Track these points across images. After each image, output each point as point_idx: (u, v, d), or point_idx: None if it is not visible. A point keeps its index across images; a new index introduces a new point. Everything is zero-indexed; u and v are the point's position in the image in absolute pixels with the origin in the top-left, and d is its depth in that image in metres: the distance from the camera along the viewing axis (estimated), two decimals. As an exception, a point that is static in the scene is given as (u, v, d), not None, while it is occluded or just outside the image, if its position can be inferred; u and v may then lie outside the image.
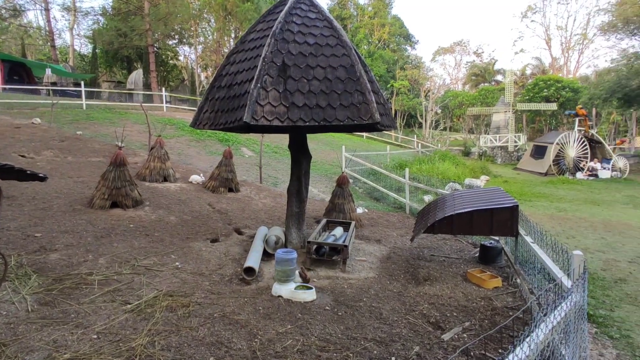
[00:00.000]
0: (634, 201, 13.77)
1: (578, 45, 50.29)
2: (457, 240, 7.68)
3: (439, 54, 70.53)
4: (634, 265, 6.72)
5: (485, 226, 4.95)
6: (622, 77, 22.88)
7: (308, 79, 5.37)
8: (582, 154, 22.16)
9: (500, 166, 26.47)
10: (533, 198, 14.04)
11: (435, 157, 19.51)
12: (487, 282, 5.19)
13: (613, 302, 5.14)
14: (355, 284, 5.27)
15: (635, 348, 4.02)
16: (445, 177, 15.61)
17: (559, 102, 32.07)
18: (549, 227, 9.46)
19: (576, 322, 2.86)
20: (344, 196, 8.61)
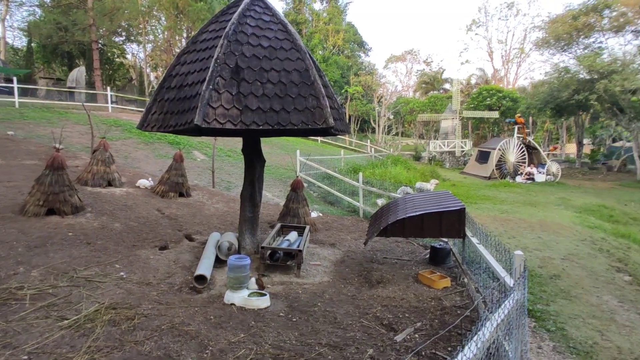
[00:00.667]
0: (565, 202, 14.96)
1: (516, 59, 54.06)
2: (408, 243, 7.91)
3: (391, 61, 72.75)
4: (567, 262, 7.27)
5: (435, 228, 5.14)
6: (554, 89, 24.89)
7: (262, 82, 5.30)
8: (521, 159, 23.79)
9: (448, 170, 27.72)
10: (478, 200, 14.81)
11: (388, 161, 20.03)
12: (437, 282, 5.37)
13: (549, 297, 5.52)
14: (310, 289, 5.25)
15: (569, 339, 4.34)
16: (398, 181, 16.05)
17: (501, 111, 34.24)
18: (492, 228, 10.01)
19: (518, 319, 3.02)
20: (299, 200, 8.58)
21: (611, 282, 6.46)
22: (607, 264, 7.59)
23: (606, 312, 5.19)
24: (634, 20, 22.31)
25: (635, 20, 22.26)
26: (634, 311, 5.36)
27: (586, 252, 8.20)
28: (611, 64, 21.61)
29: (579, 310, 5.16)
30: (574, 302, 5.44)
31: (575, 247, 8.51)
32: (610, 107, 23.86)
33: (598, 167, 29.00)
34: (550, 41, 26.12)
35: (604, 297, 5.72)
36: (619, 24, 22.97)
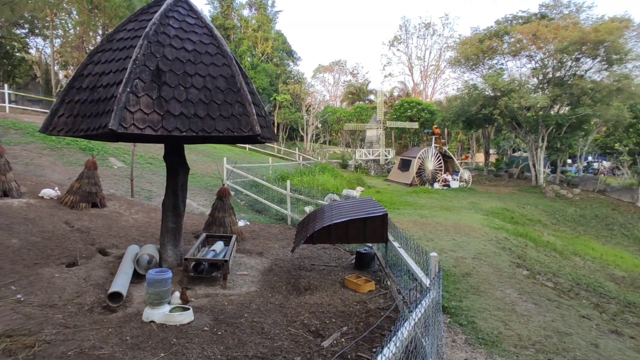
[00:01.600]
0: (475, 206, 16.47)
1: (433, 74, 58.66)
2: (335, 249, 8.10)
3: (319, 71, 74.51)
4: (476, 261, 7.99)
5: (359, 234, 5.33)
6: (465, 103, 27.39)
7: (186, 87, 5.11)
8: (438, 167, 25.72)
9: (373, 178, 28.97)
10: (400, 206, 15.68)
11: (316, 169, 20.37)
12: (362, 286, 5.56)
13: (462, 294, 6.01)
14: (237, 300, 5.12)
15: (479, 331, 4.75)
16: (325, 189, 16.38)
17: (420, 122, 36.77)
18: (413, 231, 10.65)
19: (434, 316, 3.25)
20: (225, 209, 8.36)
21: (512, 277, 7.22)
22: (509, 260, 8.48)
23: (508, 304, 5.79)
24: (528, 46, 25.44)
25: (529, 46, 25.40)
26: (531, 301, 6.05)
27: (492, 251, 9.09)
28: (510, 84, 24.38)
29: (486, 304, 5.69)
30: (483, 296, 5.99)
31: (484, 246, 9.38)
32: (510, 121, 26.86)
33: (501, 174, 32.41)
34: (461, 60, 28.71)
35: (506, 291, 6.38)
36: (516, 49, 26.03)
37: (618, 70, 23.19)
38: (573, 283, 8.23)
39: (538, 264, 9.12)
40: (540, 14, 26.77)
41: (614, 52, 22.09)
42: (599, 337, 5.10)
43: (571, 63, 24.29)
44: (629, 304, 7.61)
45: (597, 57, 23.19)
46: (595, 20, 24.31)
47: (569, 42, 22.02)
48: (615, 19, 23.41)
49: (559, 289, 7.44)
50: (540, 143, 25.59)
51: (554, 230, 15.89)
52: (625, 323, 6.24)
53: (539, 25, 24.21)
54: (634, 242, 17.16)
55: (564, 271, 9.22)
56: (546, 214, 18.46)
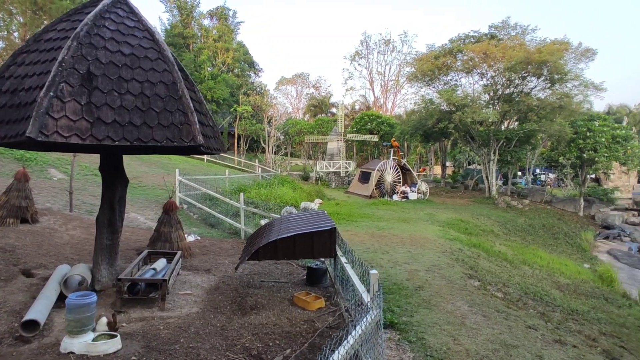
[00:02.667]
0: (432, 218, 16.77)
1: (393, 89, 60.31)
2: (288, 264, 7.82)
3: (282, 83, 74.63)
4: (430, 274, 7.99)
5: (307, 249, 5.12)
6: (422, 117, 28.21)
7: (120, 93, 4.75)
8: (397, 179, 26.16)
9: (334, 190, 29.00)
10: (359, 218, 15.66)
11: (275, 181, 20.07)
12: (311, 304, 5.33)
13: (413, 308, 5.92)
14: (174, 323, 4.72)
15: (428, 348, 4.64)
16: (283, 201, 16.12)
17: (380, 135, 37.49)
18: (369, 244, 10.59)
19: (375, 335, 3.08)
20: (172, 224, 7.89)
21: (464, 289, 7.25)
22: (461, 272, 8.56)
23: (458, 317, 5.76)
24: (480, 64, 26.70)
25: (481, 64, 26.67)
26: (480, 314, 6.05)
27: (446, 262, 9.16)
28: (463, 99, 25.39)
29: (437, 318, 5.62)
30: (434, 310, 5.93)
31: (438, 258, 9.45)
32: (465, 135, 27.92)
33: (458, 186, 33.53)
34: (418, 76, 29.63)
35: (457, 303, 6.36)
36: (469, 66, 27.24)
37: (559, 89, 24.78)
38: (522, 292, 8.41)
39: (489, 275, 9.28)
40: (490, 34, 28.26)
41: (555, 72, 23.61)
42: (544, 347, 5.15)
43: (518, 81, 25.68)
44: (572, 312, 7.86)
45: (541, 76, 24.68)
46: (538, 42, 25.96)
47: (515, 62, 23.29)
48: (556, 42, 25.09)
49: (508, 299, 7.55)
50: (492, 156, 26.72)
51: (505, 240, 16.44)
52: (569, 331, 6.39)
53: (489, 44, 25.51)
54: (577, 250, 18.11)
55: (514, 281, 9.45)
56: (498, 224, 19.13)
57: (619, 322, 7.92)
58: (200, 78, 42.52)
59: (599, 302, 9.56)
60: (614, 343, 6.52)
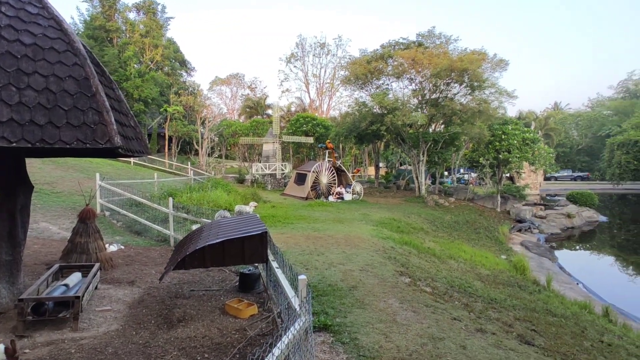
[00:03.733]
0: (366, 218, 17.25)
1: (328, 92, 61.30)
2: (220, 271, 7.52)
3: (216, 84, 72.44)
4: (363, 273, 8.15)
5: (237, 255, 4.93)
6: (356, 120, 29.00)
7: (19, 88, 4.23)
8: (332, 180, 26.58)
9: (270, 192, 28.69)
10: (295, 220, 15.60)
11: (209, 184, 19.33)
12: (243, 311, 5.14)
13: (347, 309, 5.97)
14: (89, 345, 4.27)
15: (360, 348, 4.69)
16: (217, 205, 15.56)
17: (315, 137, 37.82)
18: (305, 246, 10.56)
19: (305, 341, 3.01)
20: (89, 233, 7.20)
21: (395, 286, 7.50)
22: (393, 270, 8.85)
23: (390, 314, 5.92)
24: (409, 70, 28.10)
25: (410, 70, 28.08)
26: (411, 310, 6.28)
27: (379, 261, 9.42)
28: (394, 103, 26.54)
29: (370, 317, 5.72)
30: (367, 309, 6.03)
31: (371, 257, 9.69)
32: (396, 137, 29.19)
33: (390, 186, 34.94)
34: (352, 79, 30.42)
35: (389, 301, 6.55)
36: (399, 71, 28.55)
37: (479, 95, 26.90)
38: (448, 286, 8.91)
39: (419, 271, 9.72)
40: (418, 42, 29.84)
41: (475, 79, 25.58)
42: (467, 337, 5.47)
43: (443, 87, 27.42)
44: (491, 301, 8.48)
45: (463, 83, 26.59)
46: (460, 52, 27.97)
47: (440, 69, 24.84)
48: (475, 52, 27.22)
49: (436, 293, 7.95)
50: (422, 157, 28.23)
51: (434, 236, 17.40)
52: (488, 320, 6.87)
53: (417, 52, 26.93)
54: (495, 242, 19.73)
55: (441, 275, 9.99)
56: (428, 221, 20.21)
57: (530, 307, 8.71)
58: (126, 75, 39.74)
59: (514, 290, 10.46)
60: (527, 327, 7.14)
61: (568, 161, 67.78)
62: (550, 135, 61.68)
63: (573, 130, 73.34)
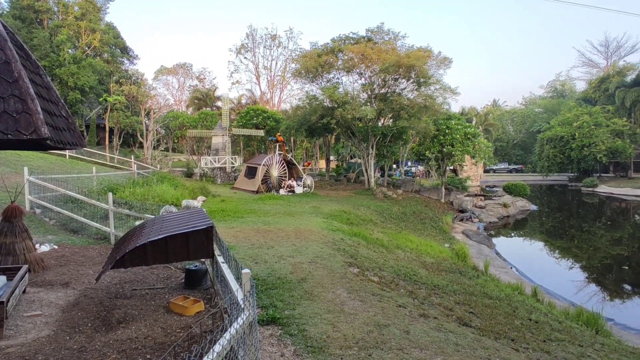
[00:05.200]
0: (317, 210, 17.41)
1: (279, 84, 60.76)
2: (165, 268, 7.26)
3: (162, 73, 69.06)
4: (313, 265, 8.24)
5: (181, 251, 4.77)
6: (307, 113, 29.04)
7: None
8: (283, 173, 26.49)
9: (220, 186, 28.02)
10: (245, 214, 15.39)
11: (154, 179, 18.49)
12: (189, 309, 5.01)
13: (295, 301, 6.01)
14: (16, 353, 3.95)
15: (308, 339, 4.75)
16: (163, 200, 14.97)
17: (266, 130, 37.39)
18: (255, 240, 10.47)
19: (250, 335, 2.99)
20: (15, 233, 6.63)
21: (344, 277, 7.66)
22: (342, 261, 9.03)
23: (338, 304, 6.05)
24: (358, 64, 28.56)
25: (359, 64, 28.54)
26: (358, 299, 6.46)
27: (328, 252, 9.56)
28: (344, 97, 26.89)
29: (318, 308, 5.81)
30: (315, 301, 6.12)
31: (321, 249, 9.81)
32: (346, 131, 29.62)
33: (341, 179, 35.49)
34: (303, 72, 30.32)
35: (337, 291, 6.68)
36: (349, 66, 28.90)
37: (425, 91, 27.97)
38: (394, 275, 9.25)
39: (368, 261, 10.00)
40: (367, 38, 30.34)
41: (421, 76, 26.54)
42: (411, 323, 5.73)
43: (392, 82, 28.17)
44: (434, 287, 8.94)
45: (410, 79, 27.48)
46: (407, 48, 28.84)
47: (389, 64, 25.48)
48: (421, 49, 28.19)
49: (383, 282, 8.23)
50: (371, 150, 28.90)
51: (382, 227, 17.96)
52: (431, 305, 7.24)
53: (366, 47, 27.38)
54: (440, 232, 20.77)
55: (388, 264, 10.35)
56: (376, 213, 20.80)
57: (469, 292, 9.29)
58: (59, 61, 36.70)
59: (455, 276, 11.09)
60: (465, 310, 7.61)
61: (505, 155, 72.79)
62: (490, 130, 65.70)
63: (509, 126, 78.75)
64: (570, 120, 50.16)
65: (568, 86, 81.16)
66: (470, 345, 5.31)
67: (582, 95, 60.95)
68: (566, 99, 69.76)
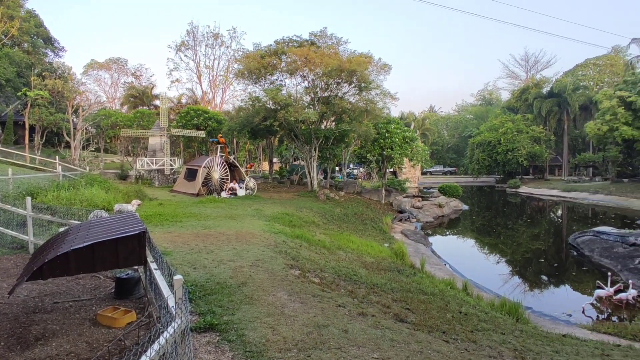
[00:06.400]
0: (259, 213, 17.23)
1: (222, 84, 59.24)
2: (94, 277, 6.78)
3: (92, 67, 64.30)
4: (254, 268, 8.15)
5: (110, 259, 4.49)
6: (249, 115, 28.66)
7: None
8: (225, 176, 25.87)
9: (158, 189, 26.70)
10: (184, 218, 14.81)
11: (82, 181, 17.16)
12: (119, 320, 4.73)
13: (235, 306, 5.91)
14: None
15: (247, 344, 4.69)
16: (93, 205, 13.96)
17: (207, 131, 36.27)
18: (194, 244, 10.12)
19: (181, 342, 2.90)
20: None
21: (285, 279, 7.67)
22: (284, 263, 9.03)
23: (278, 307, 6.04)
24: (302, 67, 28.73)
25: (303, 67, 28.71)
26: (298, 301, 6.50)
27: (270, 255, 9.51)
28: (287, 99, 26.92)
29: (258, 312, 5.76)
30: (255, 305, 6.06)
31: (262, 252, 9.73)
32: (289, 133, 29.66)
33: (284, 181, 35.43)
34: (245, 73, 29.87)
35: (278, 294, 6.67)
36: (292, 68, 28.96)
37: (366, 96, 28.84)
38: (335, 275, 9.43)
39: (309, 263, 10.09)
40: (311, 41, 30.63)
41: (362, 81, 27.34)
42: (349, 322, 5.88)
43: (334, 86, 28.69)
44: (374, 286, 9.25)
45: (352, 83, 28.18)
46: (349, 53, 29.55)
47: (331, 68, 25.93)
48: (362, 55, 29.03)
49: (324, 283, 8.36)
50: (314, 153, 29.19)
51: (324, 229, 18.20)
52: (370, 303, 7.49)
53: (310, 50, 27.64)
54: (380, 232, 21.50)
55: (329, 265, 10.52)
56: (319, 215, 21.04)
57: (406, 289, 9.73)
58: (-33, 50, 32.80)
59: (394, 275, 11.55)
60: (402, 307, 7.97)
61: (440, 158, 77.28)
62: (426, 134, 69.42)
63: (444, 131, 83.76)
64: (496, 127, 54.51)
65: (495, 95, 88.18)
66: (405, 340, 5.57)
67: (506, 104, 66.41)
68: (493, 107, 75.81)
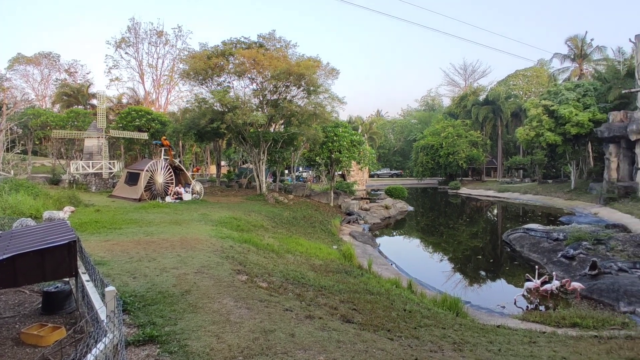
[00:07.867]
0: (206, 218, 16.74)
1: (166, 85, 56.87)
2: (18, 292, 6.21)
3: (19, 62, 59.06)
4: (199, 275, 7.90)
5: (36, 271, 4.13)
6: (196, 116, 27.81)
7: None
8: (169, 180, 24.85)
9: (95, 194, 25.04)
10: (124, 225, 14.01)
11: (5, 187, 15.66)
12: (45, 338, 4.37)
13: (178, 315, 5.70)
14: None
15: (190, 354, 4.54)
16: (18, 212, 12.80)
17: (150, 133, 34.65)
18: (134, 252, 9.61)
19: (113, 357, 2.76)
20: None
21: (231, 285, 7.52)
22: (230, 269, 8.85)
23: (224, 314, 5.91)
24: (250, 69, 28.37)
25: (251, 69, 28.36)
26: (245, 307, 6.40)
27: (216, 261, 9.27)
28: (235, 101, 26.49)
29: (202, 320, 5.59)
30: (200, 313, 5.88)
31: (208, 258, 9.46)
32: (237, 136, 29.15)
33: (232, 185, 34.74)
34: (191, 74, 28.95)
35: (224, 301, 6.52)
36: (240, 70, 28.50)
37: (314, 99, 29.11)
38: (283, 279, 9.40)
39: (257, 267, 9.97)
40: (259, 43, 30.37)
41: (311, 84, 27.56)
42: (296, 325, 5.89)
43: (283, 89, 28.67)
44: (322, 288, 9.34)
45: (300, 87, 28.31)
46: (298, 57, 29.67)
47: (280, 71, 25.89)
48: (311, 59, 29.28)
49: (272, 287, 8.30)
50: (262, 156, 28.93)
51: (273, 233, 18.07)
52: (317, 306, 7.55)
53: (258, 52, 27.40)
54: (329, 234, 21.75)
55: (278, 269, 10.46)
56: (268, 218, 20.86)
57: (353, 290, 9.92)
58: None
59: (342, 276, 11.73)
60: (349, 307, 8.12)
61: (387, 161, 79.89)
62: (374, 138, 71.37)
63: (390, 135, 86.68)
64: (438, 131, 57.44)
65: (437, 101, 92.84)
66: (351, 340, 5.68)
67: (447, 110, 70.12)
68: (436, 112, 79.76)
